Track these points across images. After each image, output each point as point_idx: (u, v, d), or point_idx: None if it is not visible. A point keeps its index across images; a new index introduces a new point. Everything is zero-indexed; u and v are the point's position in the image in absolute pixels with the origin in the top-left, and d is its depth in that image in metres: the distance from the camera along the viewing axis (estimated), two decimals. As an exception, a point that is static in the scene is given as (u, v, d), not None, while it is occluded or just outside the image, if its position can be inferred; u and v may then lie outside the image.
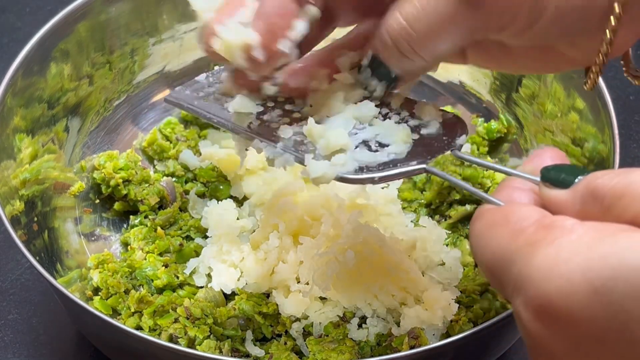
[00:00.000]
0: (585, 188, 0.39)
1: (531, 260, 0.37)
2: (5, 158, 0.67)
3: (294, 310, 0.66)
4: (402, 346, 0.63)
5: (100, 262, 0.70)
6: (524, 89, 0.76)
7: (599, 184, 0.38)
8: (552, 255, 0.36)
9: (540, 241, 0.37)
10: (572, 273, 0.35)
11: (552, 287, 0.36)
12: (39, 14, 1.00)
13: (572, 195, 0.40)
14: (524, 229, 0.39)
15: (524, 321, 0.38)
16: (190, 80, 0.62)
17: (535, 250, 0.37)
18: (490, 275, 0.41)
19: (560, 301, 0.35)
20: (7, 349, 0.73)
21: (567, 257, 0.36)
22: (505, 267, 0.39)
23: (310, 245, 0.66)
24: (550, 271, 0.36)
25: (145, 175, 0.76)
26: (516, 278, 0.38)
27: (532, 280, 0.37)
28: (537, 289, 0.36)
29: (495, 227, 0.41)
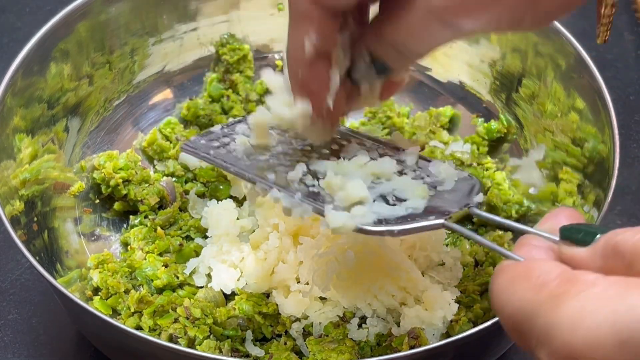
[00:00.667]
0: (605, 245, 0.40)
1: (556, 312, 0.38)
2: (5, 158, 0.67)
3: (294, 310, 0.66)
4: (402, 346, 0.63)
5: (100, 262, 0.70)
6: (524, 89, 0.76)
7: (619, 241, 0.39)
8: (577, 307, 0.37)
9: (565, 294, 0.38)
10: (599, 325, 0.36)
11: (579, 338, 0.36)
12: (39, 14, 1.00)
13: (593, 253, 0.41)
14: (547, 283, 0.39)
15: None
16: (205, 130, 0.64)
17: (560, 302, 0.38)
18: (513, 329, 0.42)
19: (587, 352, 0.36)
20: (7, 349, 0.73)
21: (593, 309, 0.36)
22: (528, 321, 0.40)
23: (310, 246, 0.66)
24: (577, 323, 0.37)
25: (145, 175, 0.76)
26: (540, 330, 0.39)
27: (558, 331, 0.37)
28: (563, 341, 0.37)
29: (518, 282, 0.41)
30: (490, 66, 0.80)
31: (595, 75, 0.68)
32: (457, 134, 0.81)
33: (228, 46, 0.83)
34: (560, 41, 0.71)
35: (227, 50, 0.83)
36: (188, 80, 0.85)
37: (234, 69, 0.83)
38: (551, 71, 0.73)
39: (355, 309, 0.67)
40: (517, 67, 0.77)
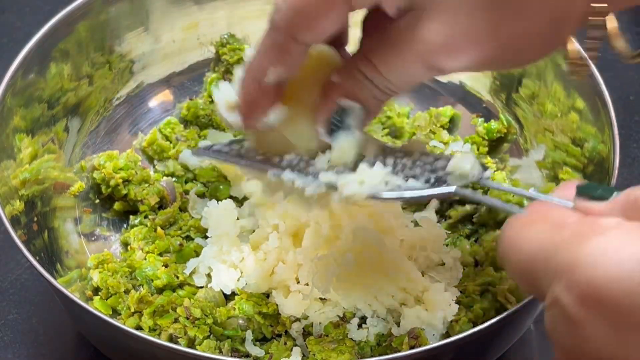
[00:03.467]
0: (626, 199, 0.41)
1: (579, 248, 0.38)
2: (5, 158, 0.67)
3: (294, 310, 0.66)
4: (402, 346, 0.63)
5: (100, 262, 0.70)
6: (524, 89, 0.76)
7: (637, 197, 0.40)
8: (602, 243, 0.37)
9: (588, 232, 0.38)
10: (624, 260, 0.36)
11: (602, 272, 0.37)
12: (39, 14, 1.00)
13: (612, 206, 0.41)
14: (567, 225, 0.40)
15: (564, 305, 0.38)
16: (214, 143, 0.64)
17: (583, 240, 0.38)
18: (524, 272, 0.42)
19: (609, 286, 0.36)
20: (7, 349, 0.73)
21: (619, 246, 0.37)
22: (545, 259, 0.40)
23: (310, 248, 0.66)
24: (601, 257, 0.37)
25: (145, 175, 0.76)
26: (559, 266, 0.39)
27: (580, 265, 0.37)
28: (585, 274, 0.37)
29: (534, 224, 0.41)
30: (490, 66, 0.80)
31: (595, 75, 0.68)
32: (457, 134, 0.81)
33: (228, 46, 0.83)
34: (560, 41, 0.71)
35: (227, 50, 0.83)
36: (188, 80, 0.85)
37: (234, 69, 0.83)
38: (551, 71, 0.73)
39: (355, 309, 0.67)
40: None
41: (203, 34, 0.84)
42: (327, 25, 0.49)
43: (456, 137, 0.80)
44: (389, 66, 0.51)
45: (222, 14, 0.83)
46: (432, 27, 0.48)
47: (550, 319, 0.40)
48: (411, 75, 0.51)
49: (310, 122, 0.55)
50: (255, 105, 0.53)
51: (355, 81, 0.52)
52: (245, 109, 0.54)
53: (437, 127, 0.80)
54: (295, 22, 0.49)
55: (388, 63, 0.50)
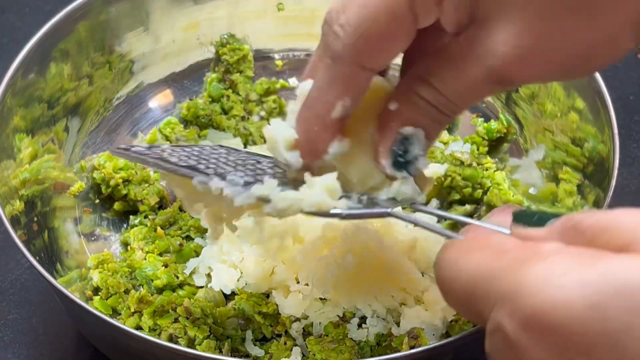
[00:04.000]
0: (563, 224, 0.40)
1: (521, 273, 0.37)
2: (5, 158, 0.67)
3: (294, 310, 0.66)
4: (402, 346, 0.63)
5: (100, 262, 0.70)
6: (524, 89, 0.76)
7: (577, 220, 0.39)
8: (545, 269, 0.37)
9: (530, 258, 0.38)
10: (567, 287, 0.36)
11: (545, 298, 0.36)
12: (39, 14, 1.00)
13: (550, 231, 0.40)
14: (509, 250, 0.39)
15: (506, 331, 0.38)
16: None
17: (525, 265, 0.38)
18: (463, 298, 0.41)
19: (552, 312, 0.36)
20: (7, 349, 0.73)
21: (562, 272, 0.36)
22: (485, 285, 0.39)
23: (309, 248, 0.66)
24: (544, 283, 0.36)
25: (145, 175, 0.76)
26: (499, 292, 0.38)
27: (523, 291, 0.37)
28: (527, 299, 0.37)
29: (474, 251, 0.41)
30: (490, 66, 0.79)
31: (595, 75, 0.68)
32: (457, 134, 0.81)
33: (228, 46, 0.83)
34: (560, 41, 0.71)
35: (227, 50, 0.83)
36: (188, 80, 0.85)
37: (234, 69, 0.83)
38: (551, 71, 0.73)
39: (355, 309, 0.67)
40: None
41: (203, 34, 0.84)
42: (397, 47, 0.47)
43: (456, 137, 0.80)
44: (451, 86, 0.47)
45: (222, 14, 0.83)
46: (500, 38, 0.44)
47: (492, 345, 0.39)
48: (477, 92, 0.48)
49: (369, 157, 0.52)
50: (317, 143, 0.50)
51: (414, 106, 0.49)
52: (307, 147, 0.51)
53: (437, 127, 0.80)
54: (362, 49, 0.46)
55: (450, 82, 0.47)
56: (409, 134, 0.50)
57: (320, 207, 0.50)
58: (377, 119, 0.51)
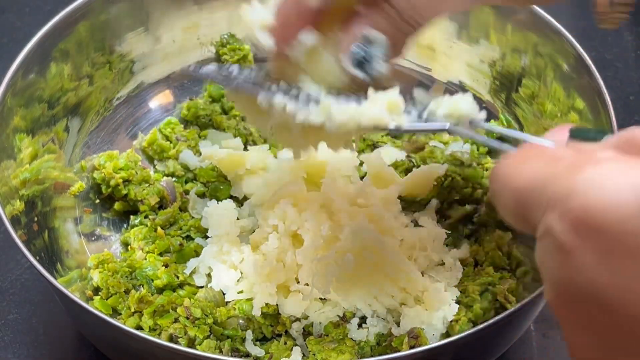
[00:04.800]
0: (618, 139, 0.41)
1: (574, 177, 0.38)
2: (5, 158, 0.67)
3: (294, 310, 0.66)
4: (402, 346, 0.63)
5: (100, 262, 0.70)
6: (524, 89, 0.77)
7: (632, 135, 0.40)
8: (599, 172, 0.37)
9: (584, 164, 0.38)
10: (621, 189, 0.36)
11: (597, 199, 0.36)
12: (39, 14, 1.00)
13: (605, 145, 0.41)
14: (563, 157, 0.40)
15: (556, 234, 0.38)
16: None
17: (579, 170, 0.38)
18: (517, 205, 0.41)
19: (604, 213, 0.36)
20: (7, 349, 0.73)
21: (615, 175, 0.37)
22: (539, 189, 0.39)
23: (309, 248, 0.66)
24: (597, 185, 0.37)
25: (145, 175, 0.76)
26: (553, 194, 0.38)
27: (575, 193, 0.37)
28: (580, 201, 0.37)
29: (529, 159, 0.41)
30: (490, 66, 0.80)
31: (595, 75, 0.68)
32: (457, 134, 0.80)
33: (228, 46, 0.83)
34: (560, 41, 0.71)
35: (227, 50, 0.83)
36: (188, 80, 0.85)
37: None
38: (551, 71, 0.73)
39: (355, 309, 0.67)
40: (517, 67, 0.77)
41: (203, 34, 0.84)
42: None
43: (456, 137, 0.80)
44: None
45: (222, 14, 0.83)
46: None
47: (542, 251, 0.40)
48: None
49: (334, 58, 0.54)
50: (291, 28, 0.53)
51: (378, 10, 0.51)
52: (281, 31, 0.54)
53: (437, 127, 0.80)
54: None
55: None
56: (371, 36, 0.52)
57: (378, 122, 0.52)
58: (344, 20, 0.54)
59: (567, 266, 0.38)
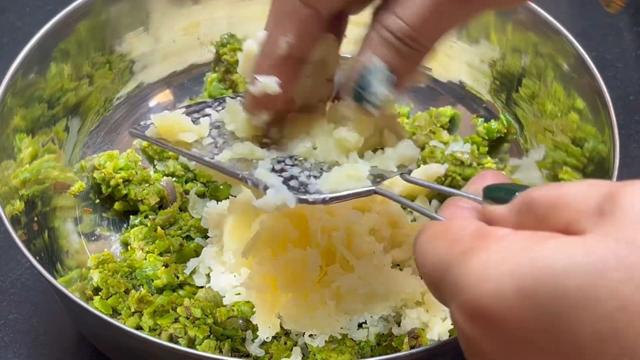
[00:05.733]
0: (521, 201, 0.41)
1: (465, 266, 0.38)
2: (5, 158, 0.67)
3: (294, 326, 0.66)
4: (402, 346, 0.63)
5: (100, 262, 0.70)
6: (524, 89, 0.77)
7: (533, 197, 0.40)
8: (484, 260, 0.38)
9: (475, 249, 0.39)
10: (502, 277, 0.36)
11: (484, 290, 0.37)
12: (39, 14, 1.00)
13: (510, 209, 0.41)
14: (461, 239, 0.40)
15: (459, 323, 0.39)
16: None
17: (469, 257, 0.38)
18: (431, 285, 0.42)
19: (491, 304, 0.37)
20: (7, 349, 0.73)
21: (497, 262, 0.37)
22: (442, 275, 0.40)
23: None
24: (482, 275, 0.37)
25: (145, 175, 0.76)
26: (451, 284, 0.39)
27: (465, 284, 0.38)
28: (469, 293, 0.38)
29: (435, 239, 0.42)
30: (490, 66, 0.80)
31: (595, 75, 0.68)
32: (457, 134, 0.81)
33: (229, 46, 0.83)
34: (560, 41, 0.71)
35: (227, 50, 0.83)
36: (188, 81, 0.85)
37: (235, 69, 0.83)
38: (551, 71, 0.73)
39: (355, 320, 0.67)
40: (517, 67, 0.77)
41: (203, 34, 0.84)
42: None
43: (456, 137, 0.80)
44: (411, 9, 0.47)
45: (222, 14, 0.83)
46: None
47: (457, 334, 0.41)
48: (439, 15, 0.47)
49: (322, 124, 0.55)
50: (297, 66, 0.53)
51: (378, 36, 0.49)
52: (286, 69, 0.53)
53: (437, 127, 0.80)
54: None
55: (410, 5, 0.47)
56: (371, 65, 0.49)
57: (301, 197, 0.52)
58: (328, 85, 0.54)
59: (475, 353, 0.39)
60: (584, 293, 0.34)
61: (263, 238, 0.64)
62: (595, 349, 0.34)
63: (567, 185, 0.38)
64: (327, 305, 0.63)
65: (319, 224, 0.64)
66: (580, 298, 0.34)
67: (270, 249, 0.64)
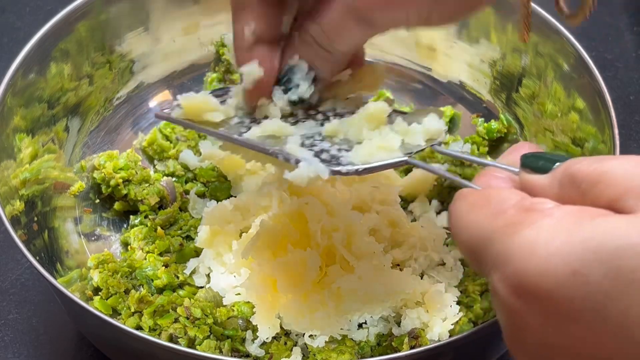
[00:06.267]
0: (563, 173, 0.41)
1: (511, 240, 0.38)
2: (5, 158, 0.67)
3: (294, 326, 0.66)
4: (402, 346, 0.63)
5: (100, 262, 0.70)
6: (524, 89, 0.77)
7: (576, 170, 0.40)
8: (532, 236, 0.38)
9: (521, 223, 0.39)
10: (552, 254, 0.37)
11: (531, 266, 0.37)
12: (39, 14, 1.00)
13: (551, 180, 0.42)
14: (505, 211, 0.40)
15: (500, 296, 0.39)
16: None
17: (515, 231, 0.39)
18: (469, 253, 0.42)
19: (539, 279, 0.37)
20: (7, 349, 0.73)
21: (547, 239, 0.37)
22: (484, 246, 0.40)
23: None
24: (531, 251, 0.37)
25: (145, 175, 0.76)
26: (495, 256, 0.39)
27: (512, 258, 0.38)
28: (516, 267, 0.38)
29: (476, 208, 0.42)
30: (490, 66, 0.80)
31: (595, 75, 0.68)
32: (457, 134, 0.81)
33: (229, 46, 0.83)
34: (560, 41, 0.71)
35: (227, 50, 0.83)
36: (188, 80, 0.85)
37: (235, 69, 0.83)
38: (551, 71, 0.73)
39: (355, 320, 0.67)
40: (517, 67, 0.77)
41: (203, 34, 0.84)
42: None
43: (456, 137, 0.80)
44: (325, 20, 0.52)
45: (222, 14, 0.83)
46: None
47: (494, 306, 0.41)
48: (346, 29, 0.52)
49: None
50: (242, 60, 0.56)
51: (301, 40, 0.54)
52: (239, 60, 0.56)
53: (437, 127, 0.80)
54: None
55: (324, 17, 0.52)
56: (293, 63, 0.55)
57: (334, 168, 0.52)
58: None
59: (516, 325, 0.39)
60: (637, 274, 0.34)
61: (263, 239, 0.64)
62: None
63: (612, 160, 0.39)
64: (327, 306, 0.63)
65: (319, 224, 0.64)
66: (632, 279, 0.34)
67: (270, 250, 0.64)
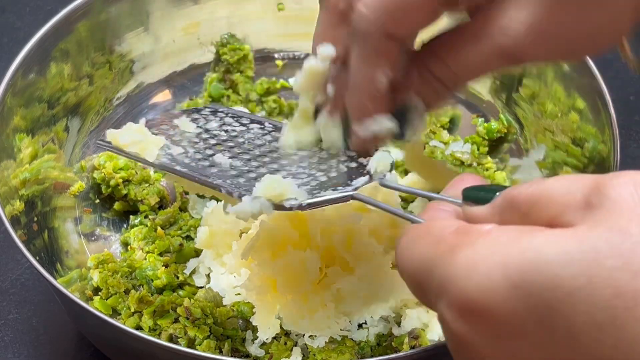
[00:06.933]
0: (503, 199, 0.40)
1: (452, 262, 0.38)
2: (5, 158, 0.67)
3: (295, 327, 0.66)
4: (402, 346, 0.63)
5: (100, 262, 0.70)
6: (524, 89, 0.76)
7: (515, 194, 0.40)
8: (471, 255, 0.37)
9: (460, 245, 0.38)
10: (491, 270, 0.36)
11: (472, 284, 0.36)
12: (39, 14, 1.00)
13: (492, 208, 0.41)
14: (445, 237, 0.40)
15: (448, 322, 0.38)
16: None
17: (455, 253, 0.38)
18: (414, 286, 0.42)
19: (481, 298, 0.36)
20: (7, 349, 0.73)
21: (485, 256, 0.37)
22: (427, 274, 0.40)
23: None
24: (470, 270, 0.37)
25: (145, 175, 0.76)
26: (438, 282, 0.39)
27: (454, 280, 0.38)
28: (458, 289, 0.37)
29: (418, 240, 0.42)
30: (491, 66, 0.79)
31: (596, 75, 0.68)
32: (457, 134, 0.81)
33: (229, 46, 0.83)
34: (560, 41, 0.71)
35: (227, 50, 0.83)
36: (188, 80, 0.85)
37: (235, 69, 0.83)
38: (551, 71, 0.73)
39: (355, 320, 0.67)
40: (517, 67, 0.77)
41: (203, 34, 0.84)
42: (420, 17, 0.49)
43: (456, 137, 0.80)
44: (462, 62, 0.50)
45: (222, 14, 0.83)
46: (514, 16, 0.47)
47: (444, 336, 0.40)
48: (486, 69, 0.50)
49: None
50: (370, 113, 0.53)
51: (422, 79, 0.52)
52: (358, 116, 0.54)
53: (437, 127, 0.80)
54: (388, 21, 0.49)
55: (462, 58, 0.50)
56: (411, 103, 0.53)
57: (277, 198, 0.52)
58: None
59: (465, 350, 0.39)
60: (579, 282, 0.33)
61: (262, 239, 0.64)
62: (591, 338, 0.34)
63: (549, 180, 0.38)
64: (327, 307, 0.63)
65: (319, 225, 0.64)
66: (574, 287, 0.34)
67: (270, 251, 0.64)
